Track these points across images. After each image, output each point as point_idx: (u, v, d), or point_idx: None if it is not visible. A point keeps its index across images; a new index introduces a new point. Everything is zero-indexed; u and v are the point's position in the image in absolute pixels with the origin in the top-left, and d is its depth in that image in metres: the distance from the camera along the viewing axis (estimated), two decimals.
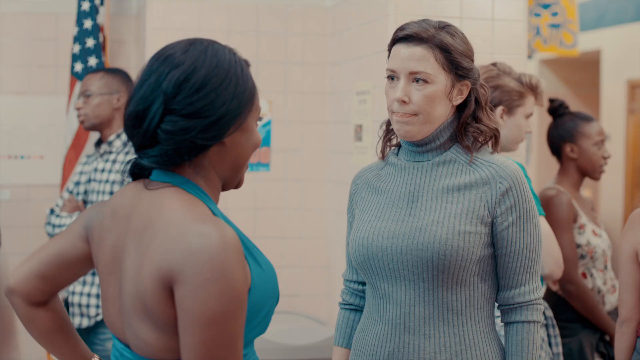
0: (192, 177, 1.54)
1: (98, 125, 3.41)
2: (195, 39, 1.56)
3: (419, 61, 1.94)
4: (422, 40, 1.95)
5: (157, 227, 1.46)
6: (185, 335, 1.40)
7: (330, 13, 4.01)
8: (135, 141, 1.54)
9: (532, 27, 4.90)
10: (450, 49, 1.95)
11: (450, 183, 1.96)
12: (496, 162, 1.97)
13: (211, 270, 1.38)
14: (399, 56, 1.96)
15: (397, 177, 2.03)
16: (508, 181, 1.94)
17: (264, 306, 1.53)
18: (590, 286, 3.23)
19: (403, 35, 1.97)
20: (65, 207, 3.40)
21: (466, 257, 1.91)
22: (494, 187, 1.94)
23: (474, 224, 1.93)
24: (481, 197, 1.94)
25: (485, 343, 1.96)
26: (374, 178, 2.09)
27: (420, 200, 1.97)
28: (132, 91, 1.53)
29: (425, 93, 1.94)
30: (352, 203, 2.14)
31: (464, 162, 1.98)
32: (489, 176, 1.95)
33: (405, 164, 2.03)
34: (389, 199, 2.02)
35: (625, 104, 7.80)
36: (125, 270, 1.51)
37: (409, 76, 1.95)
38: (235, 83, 1.52)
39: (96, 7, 4.08)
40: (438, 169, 1.99)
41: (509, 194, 1.94)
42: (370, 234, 1.99)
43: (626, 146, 7.61)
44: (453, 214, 1.93)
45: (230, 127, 1.52)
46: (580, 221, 3.24)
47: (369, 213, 2.03)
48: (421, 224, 1.94)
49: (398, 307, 1.96)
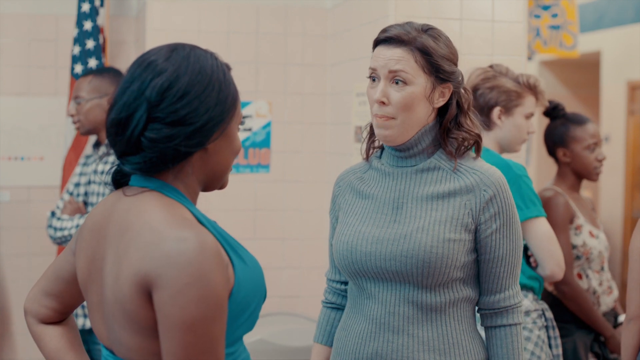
0: (171, 181, 1.54)
1: (93, 129, 3.41)
2: (176, 44, 1.56)
3: (398, 61, 1.96)
4: (402, 42, 1.96)
5: (134, 231, 1.46)
6: (166, 340, 1.40)
7: (330, 14, 4.01)
8: (117, 148, 1.54)
9: (532, 28, 4.90)
10: (431, 51, 1.96)
11: (434, 190, 1.98)
12: (480, 169, 1.99)
13: (190, 275, 1.38)
14: (379, 57, 1.99)
15: (382, 182, 2.05)
16: (492, 189, 1.96)
17: (251, 303, 1.54)
18: (585, 287, 3.23)
19: (384, 37, 1.99)
20: (66, 210, 3.40)
21: (450, 264, 1.93)
22: (478, 195, 1.96)
23: (458, 231, 1.95)
24: (465, 204, 1.96)
25: (467, 341, 1.99)
26: (356, 181, 2.11)
27: (405, 207, 1.99)
28: (114, 98, 1.53)
29: (403, 94, 1.95)
30: (335, 205, 2.15)
31: (447, 169, 2.00)
32: (473, 184, 1.97)
33: (389, 169, 2.04)
34: (373, 204, 2.04)
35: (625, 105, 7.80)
36: (105, 277, 1.51)
37: (388, 76, 1.97)
38: (218, 89, 1.52)
39: (96, 9, 4.09)
40: (422, 175, 2.01)
41: (493, 201, 1.96)
42: (354, 238, 2.01)
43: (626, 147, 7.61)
44: (438, 221, 1.95)
45: (213, 133, 1.52)
46: (577, 222, 3.24)
47: (353, 217, 2.05)
48: (406, 231, 1.96)
49: (383, 306, 1.98)
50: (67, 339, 1.73)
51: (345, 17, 3.82)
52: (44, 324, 1.73)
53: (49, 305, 1.72)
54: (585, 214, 3.32)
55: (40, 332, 1.73)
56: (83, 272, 1.60)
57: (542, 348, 2.78)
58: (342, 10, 3.86)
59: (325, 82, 4.05)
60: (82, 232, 1.63)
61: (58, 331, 1.73)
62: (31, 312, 1.73)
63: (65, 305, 1.73)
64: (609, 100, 8.00)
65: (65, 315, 1.75)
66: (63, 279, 1.70)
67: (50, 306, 1.72)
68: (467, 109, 2.03)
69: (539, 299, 2.86)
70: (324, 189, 4.05)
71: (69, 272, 1.68)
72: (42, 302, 1.72)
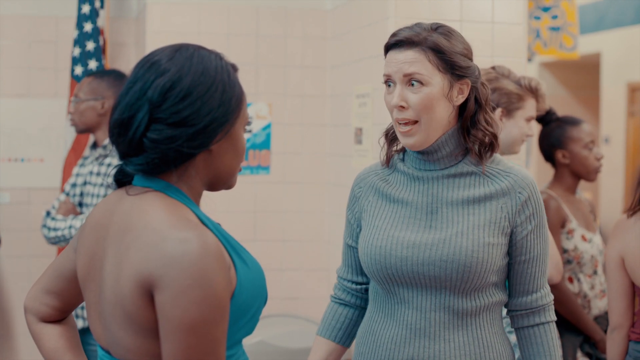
0: (175, 182, 1.52)
1: (86, 130, 3.44)
2: (181, 44, 1.55)
3: (411, 64, 1.93)
4: (413, 43, 1.94)
5: (136, 232, 1.45)
6: (166, 342, 1.39)
7: (330, 16, 4.01)
8: (120, 149, 1.53)
9: (532, 30, 4.90)
10: (443, 49, 1.93)
11: (469, 194, 1.97)
12: (513, 172, 1.99)
13: (191, 276, 1.37)
14: (392, 61, 1.96)
15: (411, 187, 2.02)
16: (527, 190, 1.97)
17: (252, 306, 1.53)
18: (576, 291, 3.24)
19: (394, 41, 1.97)
20: (60, 210, 3.41)
21: (488, 268, 1.94)
22: (514, 198, 1.97)
23: (497, 235, 1.95)
24: (502, 207, 1.96)
25: (499, 344, 2.01)
26: (381, 183, 2.07)
27: (440, 212, 1.98)
28: (118, 98, 1.52)
29: (421, 95, 1.93)
30: (356, 205, 2.11)
31: (478, 172, 1.99)
32: (508, 187, 1.97)
33: (418, 173, 2.02)
34: (405, 208, 2.01)
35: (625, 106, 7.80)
36: (105, 276, 1.51)
37: (403, 79, 1.94)
38: (222, 90, 1.51)
39: (96, 10, 4.09)
40: (455, 180, 1.99)
41: (528, 203, 1.97)
42: (387, 243, 1.98)
43: (626, 148, 7.62)
44: (477, 225, 1.94)
45: (217, 134, 1.50)
46: (569, 226, 3.24)
47: (384, 220, 2.02)
48: (445, 236, 1.94)
49: (418, 312, 1.96)
50: (66, 338, 1.72)
51: (345, 19, 3.82)
52: (43, 323, 1.72)
53: (50, 303, 1.71)
54: (580, 217, 3.32)
55: (39, 331, 1.72)
56: (82, 270, 1.59)
57: None
58: (342, 12, 3.86)
59: (325, 84, 4.05)
60: (84, 229, 1.62)
61: (57, 330, 1.72)
62: (31, 310, 1.72)
63: (66, 304, 1.72)
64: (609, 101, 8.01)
65: (66, 314, 1.74)
66: (64, 276, 1.69)
67: (50, 304, 1.71)
68: (486, 104, 2.00)
69: None
70: (324, 191, 4.05)
71: (70, 270, 1.67)
72: (42, 300, 1.71)
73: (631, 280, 2.55)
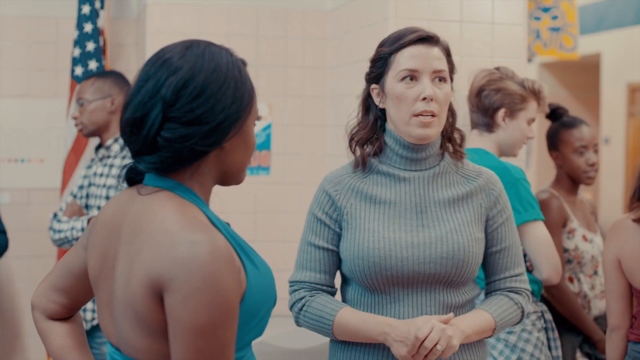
0: (187, 181, 1.52)
1: (96, 131, 3.42)
2: (191, 41, 1.54)
3: (440, 60, 2.03)
4: (437, 42, 2.05)
5: (147, 233, 1.45)
6: (176, 344, 1.39)
7: (330, 16, 4.01)
8: (132, 147, 1.51)
9: (532, 30, 4.91)
10: (451, 53, 2.07)
11: (453, 193, 2.06)
12: (482, 171, 2.12)
13: (201, 279, 1.37)
14: (420, 56, 2.02)
15: (397, 187, 2.06)
16: (497, 187, 2.11)
17: (262, 308, 1.53)
18: (576, 291, 3.23)
19: (423, 35, 2.03)
20: (67, 211, 3.41)
21: (478, 262, 2.06)
22: (488, 194, 2.09)
23: (481, 230, 2.07)
24: (480, 204, 2.08)
25: None
26: (359, 185, 2.09)
27: (429, 211, 2.04)
28: (129, 96, 1.50)
29: (445, 91, 2.03)
30: (333, 207, 2.08)
31: (454, 171, 2.09)
32: (482, 185, 2.09)
33: (404, 174, 2.06)
34: (392, 209, 2.04)
35: (625, 107, 7.81)
36: (117, 276, 1.50)
37: (432, 75, 2.02)
38: (234, 87, 1.50)
39: (96, 11, 4.09)
40: (438, 179, 2.07)
41: (499, 198, 2.10)
42: (386, 245, 1.99)
43: (626, 149, 7.62)
44: (466, 222, 2.04)
45: (230, 131, 1.50)
46: (570, 226, 3.24)
47: (374, 223, 2.03)
48: (440, 234, 2.01)
49: (413, 309, 2.01)
50: (73, 337, 1.72)
51: (345, 20, 3.82)
52: (51, 320, 1.72)
53: (58, 300, 1.71)
54: (581, 217, 3.32)
55: (46, 329, 1.71)
56: (94, 269, 1.59)
57: (542, 350, 2.78)
58: (342, 12, 3.86)
59: (325, 85, 4.05)
60: (95, 227, 1.61)
61: (64, 328, 1.72)
62: (39, 307, 1.72)
63: (74, 301, 1.72)
64: (609, 102, 8.01)
65: (73, 311, 1.74)
66: (73, 274, 1.68)
67: (58, 301, 1.71)
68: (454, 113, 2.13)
69: (538, 301, 2.86)
70: None
71: (79, 267, 1.67)
72: (50, 297, 1.71)
73: (628, 281, 2.55)
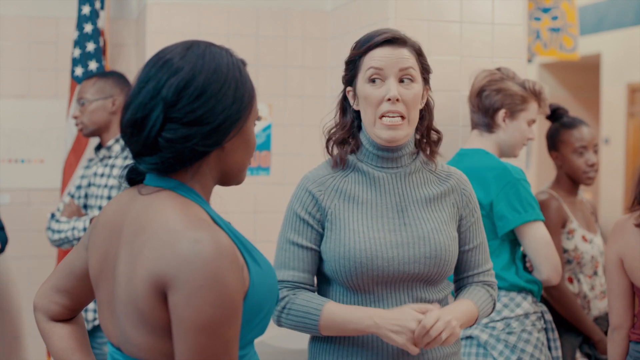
0: (188, 181, 1.52)
1: (96, 131, 3.43)
2: (192, 41, 1.54)
3: (407, 59, 2.03)
4: (405, 42, 2.05)
5: (149, 232, 1.45)
6: (179, 342, 1.39)
7: (330, 17, 4.01)
8: (133, 148, 1.51)
9: (532, 31, 4.91)
10: (423, 52, 2.08)
11: (430, 193, 2.09)
12: (452, 171, 2.15)
13: (205, 277, 1.37)
14: (384, 57, 2.03)
15: (375, 186, 2.07)
16: (468, 188, 2.15)
17: (264, 306, 1.53)
18: (576, 291, 3.23)
19: (389, 37, 2.04)
20: (65, 212, 3.41)
21: (455, 260, 2.09)
22: (460, 194, 2.12)
23: (454, 229, 2.11)
24: (453, 204, 2.11)
25: None
26: (341, 185, 2.09)
27: (409, 210, 2.06)
28: (129, 98, 1.50)
29: (413, 92, 2.02)
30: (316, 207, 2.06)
31: (426, 170, 2.11)
32: (454, 185, 2.12)
33: (378, 173, 2.07)
34: (375, 209, 2.05)
35: (625, 107, 7.81)
36: (118, 276, 1.50)
37: (398, 74, 2.01)
38: (234, 87, 1.51)
39: (96, 11, 4.09)
40: (413, 178, 2.09)
41: (470, 199, 2.14)
42: (372, 245, 2.00)
43: (626, 149, 7.62)
44: (444, 221, 2.07)
45: (230, 131, 1.51)
46: (569, 226, 3.24)
47: (357, 223, 2.03)
48: (421, 233, 2.03)
49: (393, 307, 2.01)
50: (75, 338, 1.72)
51: (345, 20, 3.82)
52: (53, 322, 1.72)
53: (60, 301, 1.71)
54: (581, 218, 3.32)
55: (48, 330, 1.71)
56: (95, 269, 1.59)
57: (542, 350, 2.78)
58: (342, 12, 3.86)
59: (325, 85, 4.05)
60: (96, 227, 1.61)
61: (67, 330, 1.72)
62: (41, 308, 1.72)
63: (76, 302, 1.72)
64: (609, 102, 8.01)
65: (75, 312, 1.74)
66: (74, 274, 1.68)
67: (60, 302, 1.71)
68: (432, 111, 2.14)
69: (538, 301, 2.86)
70: None
71: (81, 268, 1.67)
72: (52, 299, 1.71)
73: (630, 280, 2.56)
